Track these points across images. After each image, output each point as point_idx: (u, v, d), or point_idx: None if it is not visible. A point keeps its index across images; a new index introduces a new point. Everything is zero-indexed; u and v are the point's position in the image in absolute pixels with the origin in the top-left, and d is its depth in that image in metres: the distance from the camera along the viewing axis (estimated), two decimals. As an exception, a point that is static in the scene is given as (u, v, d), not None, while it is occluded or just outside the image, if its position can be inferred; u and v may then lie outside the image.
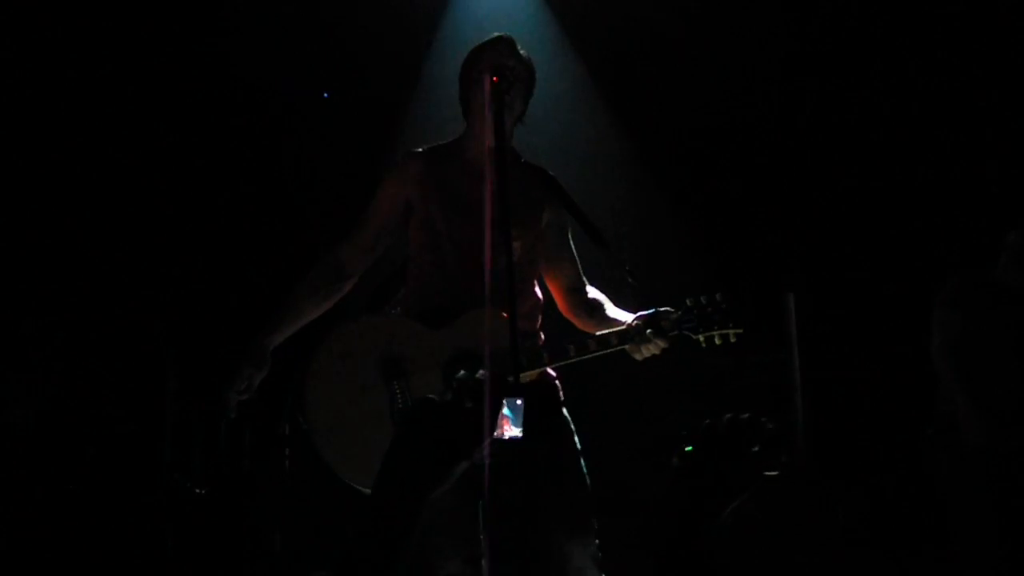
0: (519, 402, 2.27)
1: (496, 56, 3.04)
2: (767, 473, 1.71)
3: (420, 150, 3.12)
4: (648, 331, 2.91)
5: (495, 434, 2.24)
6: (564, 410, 3.13)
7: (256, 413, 6.09)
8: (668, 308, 2.98)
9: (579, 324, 3.16)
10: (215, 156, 6.36)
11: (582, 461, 3.06)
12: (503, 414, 2.42)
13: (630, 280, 3.07)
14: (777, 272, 6.22)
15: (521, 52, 3.12)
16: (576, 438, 3.10)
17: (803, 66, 6.27)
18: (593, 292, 3.19)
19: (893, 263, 6.10)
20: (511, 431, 2.32)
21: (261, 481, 5.84)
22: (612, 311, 3.14)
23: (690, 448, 1.80)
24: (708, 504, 1.74)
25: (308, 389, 2.95)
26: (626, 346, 2.95)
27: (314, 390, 2.94)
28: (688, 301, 2.97)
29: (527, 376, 2.83)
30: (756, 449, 1.78)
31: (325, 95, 6.67)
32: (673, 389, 6.03)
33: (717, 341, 2.97)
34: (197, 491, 5.76)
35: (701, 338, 2.96)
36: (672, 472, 1.73)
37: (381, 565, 1.90)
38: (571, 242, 3.19)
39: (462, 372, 2.24)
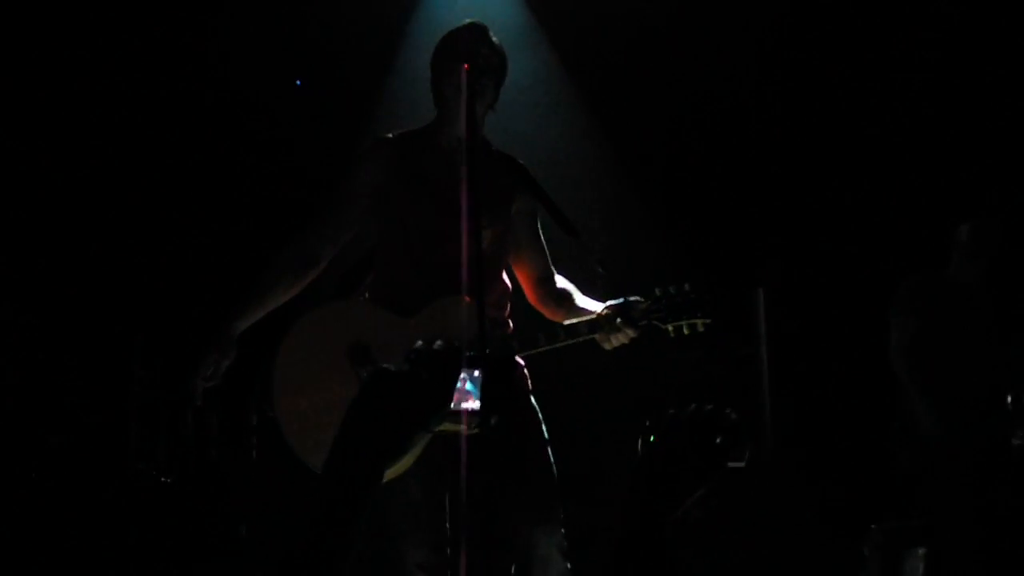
0: (477, 373, 2.27)
1: (469, 43, 3.02)
2: (732, 465, 1.72)
3: (390, 136, 3.11)
4: (617, 320, 2.92)
5: (453, 405, 2.24)
6: (532, 399, 3.15)
7: (223, 401, 6.07)
8: (637, 298, 2.98)
9: (548, 314, 3.17)
10: (182, 143, 6.31)
11: (549, 450, 3.09)
12: (462, 385, 2.43)
13: (600, 270, 3.07)
14: (746, 266, 6.25)
15: (493, 39, 3.10)
16: (543, 427, 3.13)
17: (776, 59, 6.30)
18: (562, 282, 3.19)
19: (862, 258, 6.14)
20: (470, 403, 2.33)
21: (228, 470, 5.81)
22: (581, 301, 3.15)
23: (653, 438, 1.80)
24: (671, 495, 1.74)
25: (274, 377, 2.92)
26: (595, 335, 2.96)
27: (281, 378, 2.91)
28: (657, 291, 2.98)
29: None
30: (719, 440, 1.79)
31: (297, 83, 6.63)
32: (641, 382, 6.04)
33: (685, 331, 2.99)
34: (162, 480, 5.72)
35: (670, 327, 2.97)
36: (635, 462, 1.73)
37: (335, 544, 1.88)
38: (540, 231, 3.20)
39: (419, 343, 2.26)
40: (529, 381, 3.18)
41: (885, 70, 6.18)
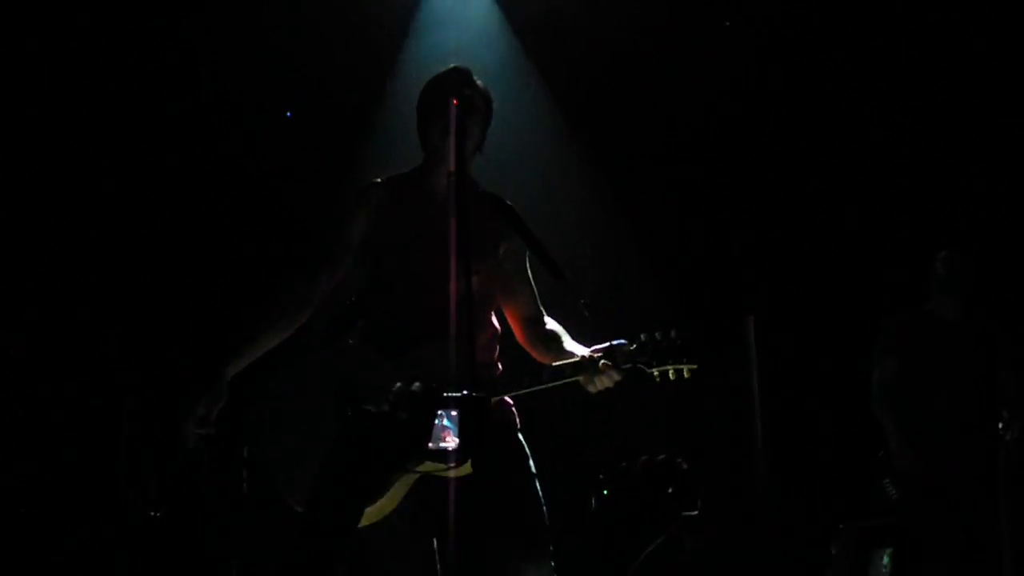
0: (454, 413, 2.28)
1: (454, 84, 3.03)
2: (685, 513, 1.72)
3: (379, 180, 3.13)
4: (602, 363, 2.92)
5: (431, 445, 2.25)
6: (520, 436, 3.15)
7: (214, 435, 6.05)
8: (623, 341, 2.97)
9: (536, 355, 3.17)
10: (179, 176, 6.32)
11: (537, 485, 3.07)
12: (440, 425, 2.44)
13: (586, 313, 3.07)
14: (737, 295, 6.27)
15: (478, 82, 3.13)
16: (531, 463, 3.11)
17: (763, 88, 6.35)
18: (551, 324, 3.20)
19: (853, 286, 6.16)
20: (448, 442, 2.34)
21: (218, 503, 5.78)
22: (569, 343, 3.15)
23: (606, 492, 1.80)
24: (625, 544, 1.74)
25: (263, 422, 2.97)
26: (580, 377, 2.95)
27: (269, 423, 2.97)
28: (643, 336, 2.96)
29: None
30: (671, 491, 1.79)
31: (288, 114, 6.65)
32: (632, 412, 6.04)
33: (671, 376, 2.96)
34: (152, 513, 5.69)
35: (655, 372, 2.95)
36: (591, 514, 1.73)
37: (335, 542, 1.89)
38: (529, 273, 3.19)
39: (398, 384, 2.24)
40: (518, 418, 3.19)
41: (873, 95, 6.22)
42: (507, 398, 3.12)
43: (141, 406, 5.92)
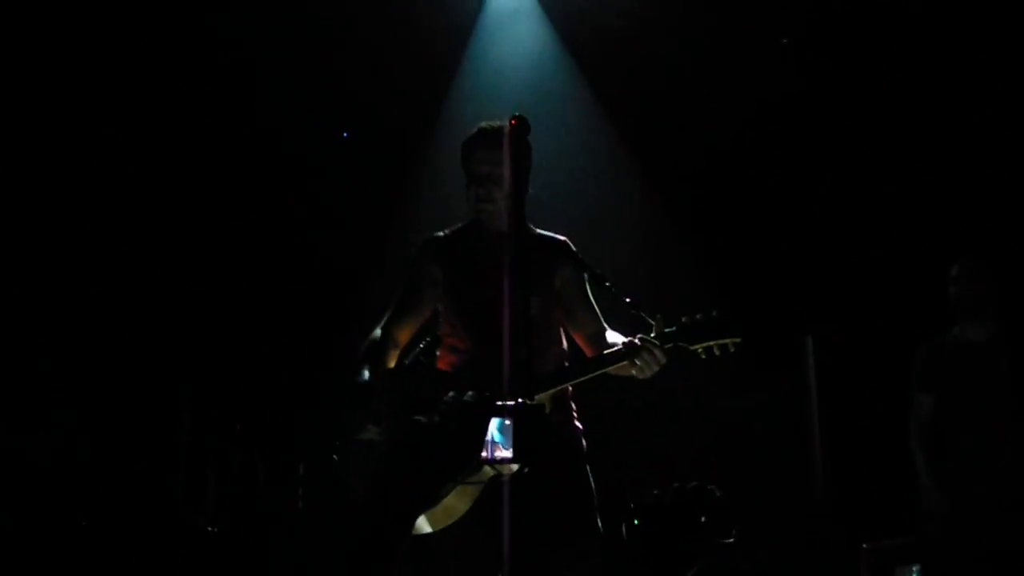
0: (508, 422, 2.30)
1: (487, 154, 3.26)
2: (724, 541, 1.70)
3: (440, 234, 3.44)
4: (640, 337, 3.09)
5: (482, 456, 2.26)
6: (587, 467, 3.28)
7: (271, 451, 6.11)
8: (667, 329, 3.13)
9: None
10: (239, 202, 6.43)
11: (596, 515, 3.21)
12: (491, 436, 2.47)
13: (639, 312, 3.16)
14: (796, 314, 6.19)
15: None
16: (593, 491, 3.24)
17: (822, 104, 6.28)
18: (612, 335, 3.33)
19: (915, 304, 6.06)
20: (501, 453, 2.37)
21: (274, 519, 5.82)
22: (622, 338, 3.30)
23: (637, 521, 1.78)
24: (659, 573, 1.72)
25: (343, 450, 3.20)
26: (625, 362, 3.10)
27: (348, 449, 3.17)
28: (684, 318, 3.14)
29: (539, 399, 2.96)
30: (704, 519, 1.76)
31: (344, 135, 6.73)
32: (691, 431, 6.00)
33: (716, 352, 3.11)
34: (210, 528, 5.75)
35: (699, 348, 3.10)
36: (624, 543, 1.72)
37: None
38: (589, 296, 3.40)
39: (451, 394, 2.28)
40: (584, 443, 3.31)
41: (938, 109, 6.12)
42: (577, 423, 3.33)
43: (199, 421, 6.00)
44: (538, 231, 3.41)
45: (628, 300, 3.17)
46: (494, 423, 2.50)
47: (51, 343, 5.98)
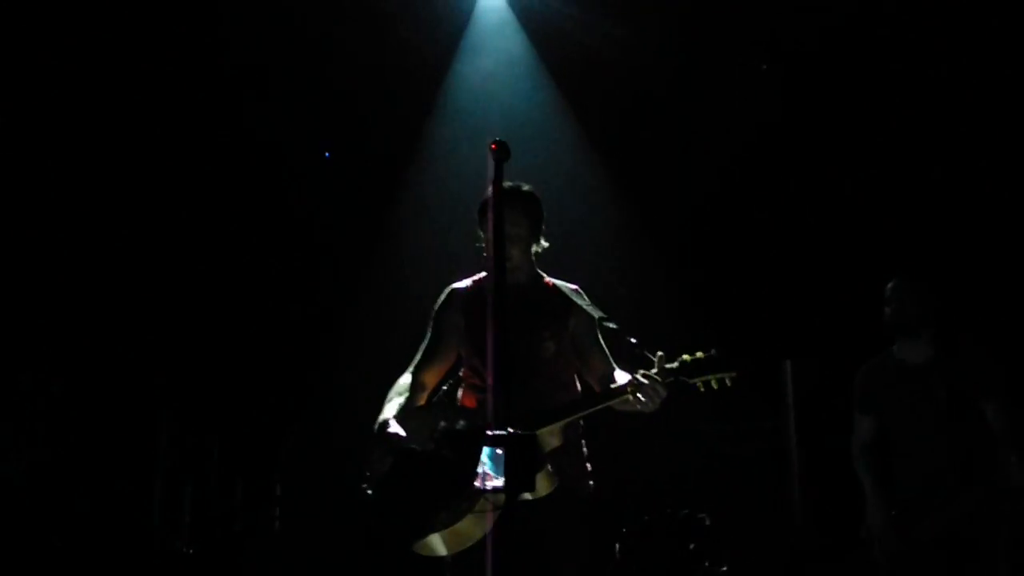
0: (499, 452, 2.34)
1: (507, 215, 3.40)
2: (716, 570, 1.71)
3: (461, 286, 3.73)
4: (641, 373, 3.35)
5: (475, 484, 2.28)
6: (587, 516, 3.51)
7: (248, 472, 6.08)
8: (670, 365, 3.39)
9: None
10: (216, 215, 6.40)
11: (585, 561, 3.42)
12: (482, 464, 2.50)
13: (637, 351, 3.41)
14: (774, 339, 6.21)
15: (525, 192, 3.74)
16: (587, 549, 3.45)
17: (798, 132, 6.32)
18: (621, 375, 3.55)
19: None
20: (492, 481, 2.39)
21: (251, 540, 5.79)
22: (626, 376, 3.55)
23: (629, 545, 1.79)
24: None
25: (372, 485, 3.36)
26: (628, 396, 3.35)
27: (373, 481, 3.37)
28: (685, 356, 3.39)
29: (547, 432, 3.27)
30: (693, 547, 1.78)
31: (326, 155, 6.73)
32: (671, 455, 6.00)
33: (714, 385, 3.36)
34: (186, 550, 5.71)
35: (698, 382, 3.36)
36: (611, 569, 1.73)
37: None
38: (600, 340, 3.67)
39: (442, 423, 2.34)
40: (591, 487, 3.57)
41: (919, 128, 6.16)
42: (587, 464, 3.62)
43: (177, 442, 5.96)
44: (552, 280, 3.72)
45: (633, 341, 3.41)
46: (486, 452, 2.54)
47: (28, 359, 5.93)
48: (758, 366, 6.05)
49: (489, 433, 2.66)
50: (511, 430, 2.56)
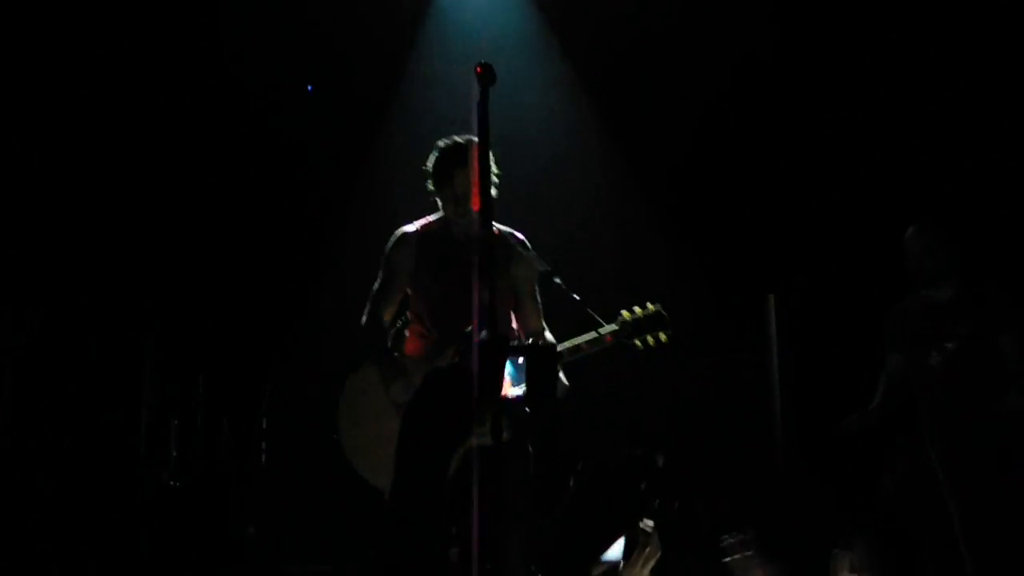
0: (521, 361, 2.46)
1: (461, 157, 3.74)
2: (659, 507, 1.77)
3: (410, 230, 3.88)
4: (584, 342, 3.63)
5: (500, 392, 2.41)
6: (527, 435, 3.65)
7: (234, 406, 6.10)
8: (610, 327, 3.67)
9: None
10: (196, 150, 6.35)
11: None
12: (506, 372, 2.68)
13: (576, 297, 3.64)
14: (758, 273, 6.24)
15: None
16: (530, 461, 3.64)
17: (788, 69, 6.29)
18: (549, 337, 3.78)
19: (876, 265, 6.12)
20: (514, 390, 2.48)
21: (237, 474, 5.83)
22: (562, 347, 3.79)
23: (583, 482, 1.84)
24: (593, 539, 1.77)
25: (339, 423, 3.75)
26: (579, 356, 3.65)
27: (343, 423, 3.75)
28: (624, 313, 3.67)
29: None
30: (644, 486, 1.82)
31: (309, 88, 6.66)
32: (656, 387, 6.05)
33: (651, 343, 3.66)
34: (172, 483, 5.74)
35: (637, 342, 3.66)
36: (563, 507, 1.76)
37: (422, 519, 2.05)
38: (537, 295, 3.84)
39: (468, 329, 2.52)
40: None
41: (902, 79, 6.15)
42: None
43: (163, 376, 5.97)
44: (499, 228, 3.81)
45: (576, 298, 3.61)
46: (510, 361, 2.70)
47: (10, 299, 5.90)
48: (742, 299, 6.11)
49: (514, 344, 3.04)
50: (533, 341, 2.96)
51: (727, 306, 6.16)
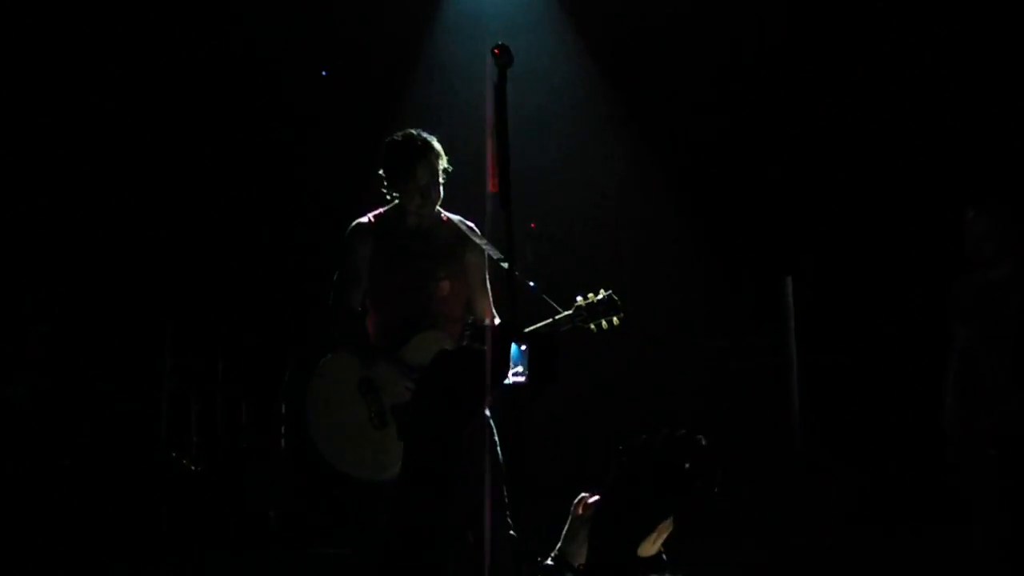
0: (523, 348, 2.51)
1: (419, 151, 3.81)
2: (707, 490, 1.77)
3: (370, 219, 3.95)
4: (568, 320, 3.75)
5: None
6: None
7: (253, 392, 6.14)
8: (565, 313, 3.78)
9: None
10: (211, 138, 6.38)
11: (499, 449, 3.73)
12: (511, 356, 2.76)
13: (535, 293, 3.75)
14: (776, 255, 6.22)
15: (435, 145, 3.88)
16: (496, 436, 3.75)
17: (812, 48, 6.25)
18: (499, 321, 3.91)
19: (892, 247, 6.09)
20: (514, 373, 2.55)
21: (256, 458, 5.87)
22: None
23: (624, 463, 1.83)
24: (638, 521, 1.76)
25: (307, 409, 3.80)
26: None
27: (311, 409, 3.80)
28: (579, 299, 3.79)
29: None
30: (688, 466, 1.80)
31: (323, 73, 6.66)
32: (671, 371, 6.05)
33: (604, 326, 3.80)
34: (192, 468, 5.79)
35: (591, 326, 3.79)
36: (605, 488, 1.76)
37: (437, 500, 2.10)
38: (487, 283, 3.94)
39: (471, 319, 2.57)
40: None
41: (922, 66, 6.10)
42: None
43: (181, 363, 6.01)
44: (448, 216, 3.91)
45: (531, 284, 3.73)
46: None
47: (32, 284, 5.95)
48: (758, 282, 6.10)
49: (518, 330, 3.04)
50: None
51: (743, 288, 6.15)
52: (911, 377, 5.31)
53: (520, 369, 3.44)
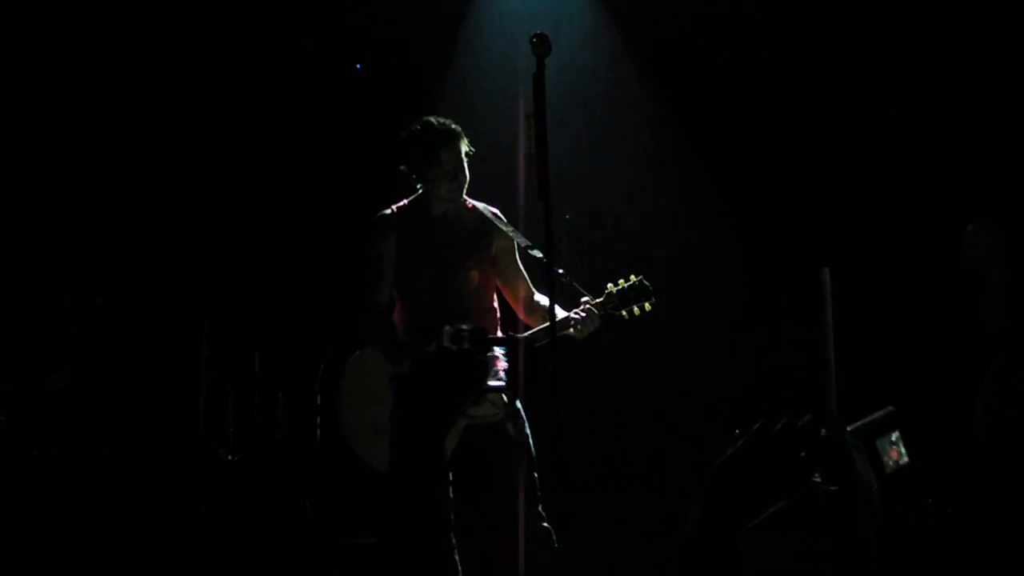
0: (503, 352, 2.48)
1: (448, 137, 3.72)
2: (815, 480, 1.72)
3: (390, 211, 3.88)
4: (583, 315, 3.65)
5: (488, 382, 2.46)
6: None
7: (289, 383, 6.18)
8: (599, 300, 3.71)
9: (532, 323, 3.84)
10: (249, 134, 6.42)
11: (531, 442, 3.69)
12: (496, 356, 2.69)
13: (564, 279, 3.66)
14: (813, 247, 6.17)
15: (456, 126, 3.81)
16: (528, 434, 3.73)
17: (852, 40, 6.20)
18: (540, 297, 3.85)
19: (931, 240, 6.03)
20: (493, 381, 2.52)
21: (293, 449, 5.91)
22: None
23: (739, 446, 1.79)
24: (749, 505, 1.73)
25: (339, 403, 3.84)
26: (569, 331, 3.64)
27: (342, 403, 3.83)
28: (609, 286, 3.71)
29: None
30: (805, 454, 1.77)
31: (358, 67, 6.68)
32: (710, 364, 6.03)
33: (636, 312, 3.73)
34: (230, 458, 5.84)
35: (623, 313, 3.72)
36: (715, 469, 1.72)
37: (418, 497, 2.07)
38: (519, 262, 3.87)
39: (447, 328, 2.54)
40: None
41: (966, 61, 6.04)
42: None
43: (219, 354, 6.06)
44: (473, 203, 3.84)
45: (560, 271, 3.63)
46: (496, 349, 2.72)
47: (73, 277, 6.03)
48: (797, 275, 6.04)
49: (511, 336, 3.08)
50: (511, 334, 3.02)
51: (780, 280, 6.11)
52: (951, 371, 5.25)
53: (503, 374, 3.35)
